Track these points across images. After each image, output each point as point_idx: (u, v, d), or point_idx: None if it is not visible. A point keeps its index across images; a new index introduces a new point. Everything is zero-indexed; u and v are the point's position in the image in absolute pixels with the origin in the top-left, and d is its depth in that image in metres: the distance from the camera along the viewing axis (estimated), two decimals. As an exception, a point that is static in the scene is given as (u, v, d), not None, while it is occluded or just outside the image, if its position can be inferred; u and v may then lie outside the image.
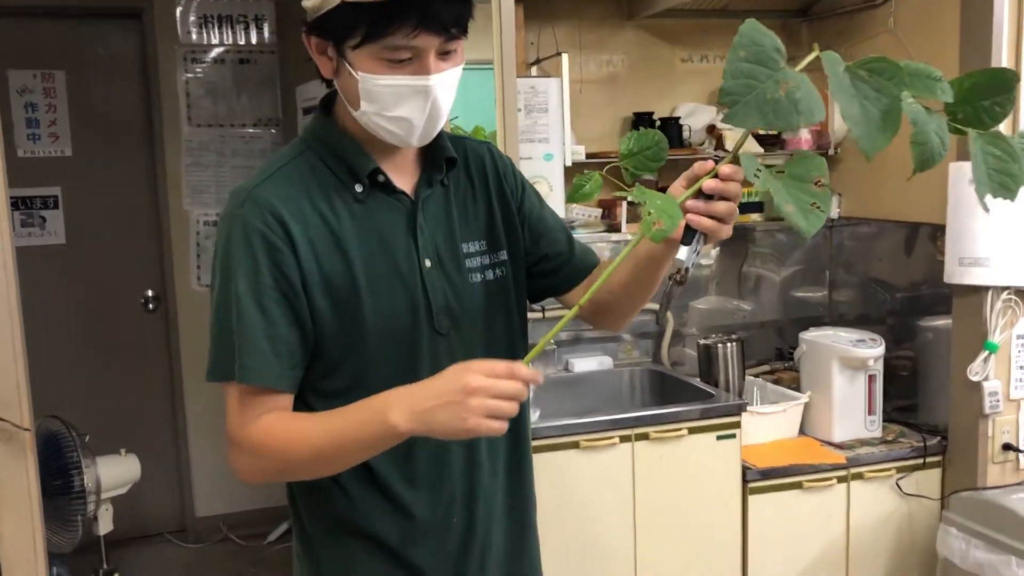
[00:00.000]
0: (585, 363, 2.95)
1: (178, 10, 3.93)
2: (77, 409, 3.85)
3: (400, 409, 1.14)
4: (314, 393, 1.30)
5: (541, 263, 1.49)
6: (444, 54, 1.23)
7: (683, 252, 1.19)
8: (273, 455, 1.25)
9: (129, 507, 3.68)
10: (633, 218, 2.94)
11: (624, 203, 2.95)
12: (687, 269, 1.20)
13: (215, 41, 3.99)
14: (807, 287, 3.31)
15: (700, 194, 1.16)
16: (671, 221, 1.08)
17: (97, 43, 3.96)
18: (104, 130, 3.96)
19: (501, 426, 1.11)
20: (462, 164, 1.42)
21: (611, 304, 1.44)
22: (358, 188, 1.31)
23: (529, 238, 1.47)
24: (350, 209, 1.30)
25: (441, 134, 1.35)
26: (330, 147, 1.32)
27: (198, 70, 4.00)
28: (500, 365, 1.11)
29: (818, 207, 1.04)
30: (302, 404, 1.31)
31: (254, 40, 4.02)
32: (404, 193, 1.34)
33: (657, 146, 1.34)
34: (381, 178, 1.32)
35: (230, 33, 3.99)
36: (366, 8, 1.17)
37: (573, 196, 1.49)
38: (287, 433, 1.24)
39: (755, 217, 3.16)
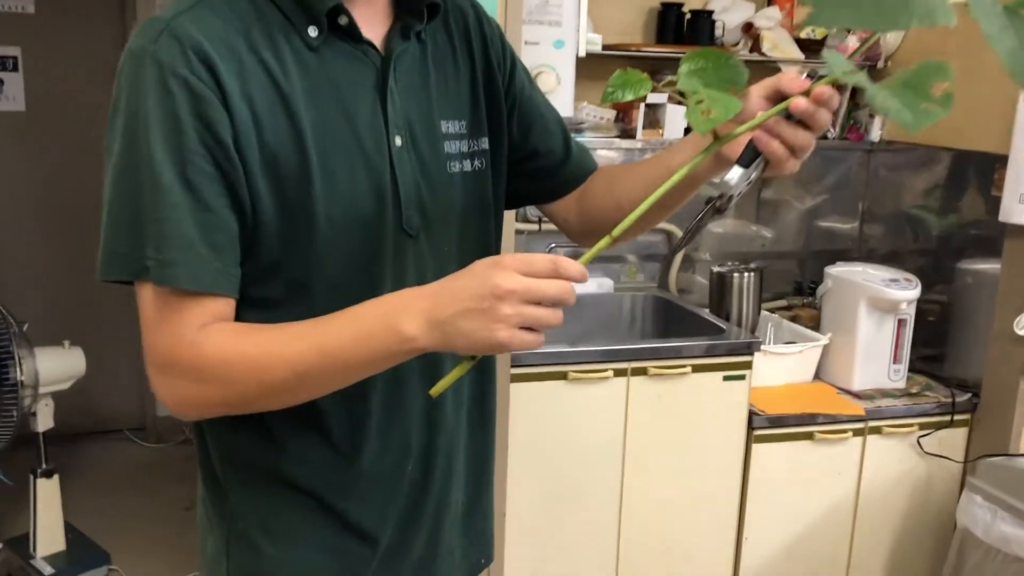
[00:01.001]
0: (583, 285, 2.63)
1: None
2: (32, 293, 3.59)
3: (415, 316, 0.89)
4: (248, 304, 1.00)
5: (529, 161, 1.20)
6: None
7: (735, 173, 0.94)
8: (241, 378, 0.94)
9: (86, 401, 3.44)
10: (652, 123, 2.60)
11: (642, 106, 2.59)
12: (732, 197, 0.94)
13: None
14: (835, 217, 2.98)
15: (780, 113, 0.92)
16: (724, 110, 0.84)
17: None
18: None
19: (538, 338, 0.87)
20: (441, 18, 1.10)
21: (617, 222, 1.15)
22: (312, 32, 0.99)
23: (517, 128, 1.17)
24: (301, 59, 0.98)
25: None
26: None
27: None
28: (541, 260, 0.86)
29: (932, 107, 0.81)
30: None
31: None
32: (372, 45, 1.03)
33: (733, 67, 0.98)
34: (343, 20, 1.00)
35: None
36: None
37: (612, 93, 1.06)
38: (256, 348, 0.94)
39: (786, 134, 2.80)
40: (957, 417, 2.44)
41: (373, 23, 1.04)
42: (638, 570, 2.35)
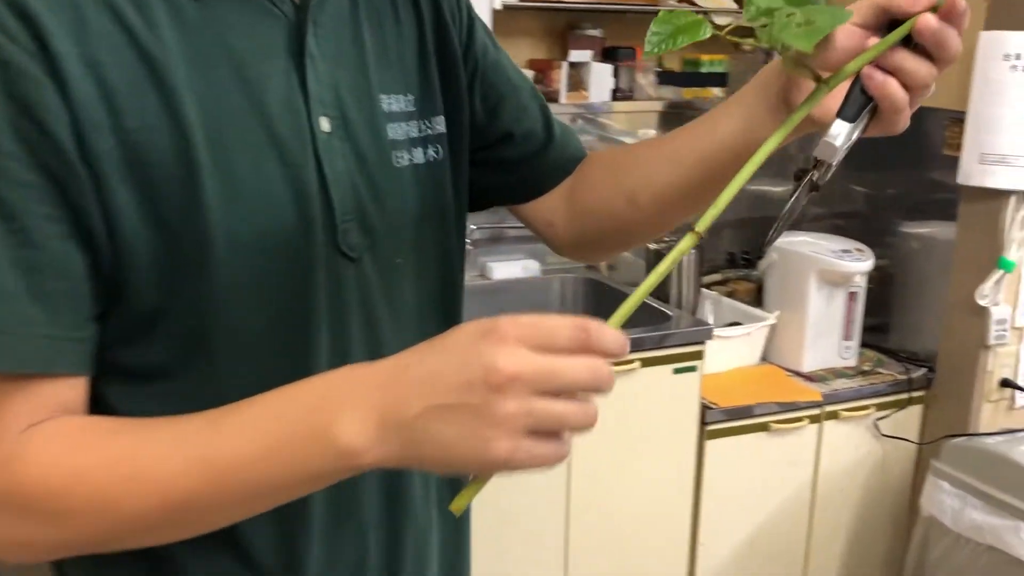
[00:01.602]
0: (507, 268, 2.34)
1: None
2: None
3: (361, 415, 0.59)
4: (113, 374, 0.68)
5: (499, 148, 0.90)
6: None
7: (840, 130, 0.65)
8: (84, 514, 0.62)
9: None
10: (575, 85, 2.30)
11: (565, 65, 2.29)
12: (830, 167, 0.66)
13: None
14: (768, 180, 2.77)
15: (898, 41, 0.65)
16: (831, 19, 0.61)
17: None
18: None
19: (559, 450, 0.58)
20: None
21: (627, 222, 0.87)
22: None
23: (482, 104, 0.87)
24: (177, 10, 0.66)
25: None
26: None
27: None
28: (562, 326, 0.57)
29: None
30: (94, 407, 0.69)
31: None
32: None
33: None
34: None
35: None
36: None
37: (660, 44, 0.71)
38: (106, 467, 0.62)
39: (716, 92, 2.57)
40: (915, 395, 2.28)
41: None
42: (587, 587, 2.10)
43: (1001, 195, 2.06)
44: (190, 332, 0.68)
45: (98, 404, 0.67)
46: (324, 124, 0.72)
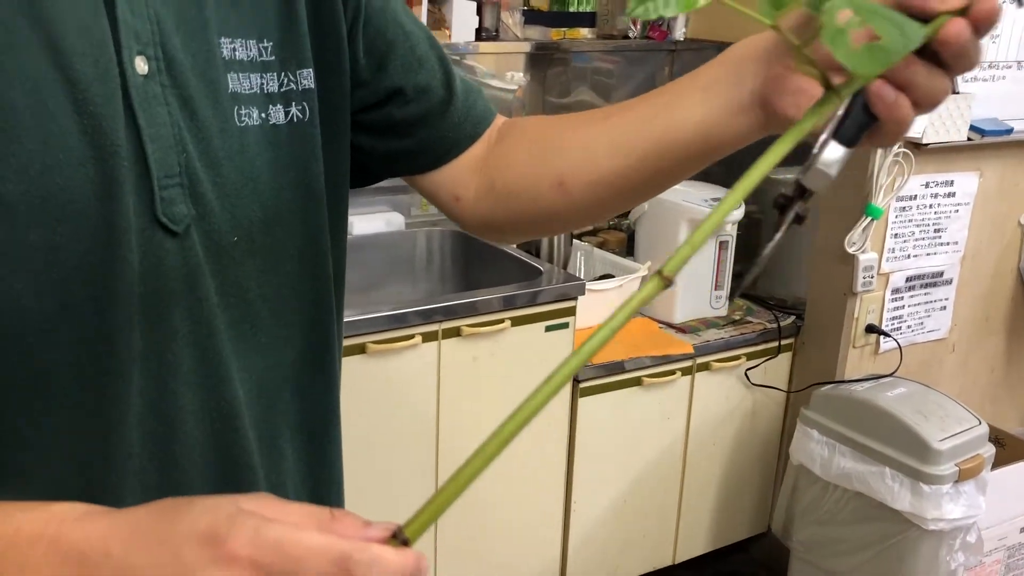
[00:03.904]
0: (369, 222, 2.18)
1: None
2: None
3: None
4: None
5: (388, 106, 0.75)
6: None
7: (836, 156, 0.52)
8: None
9: None
10: (436, 23, 2.14)
11: (424, 1, 2.12)
12: (811, 194, 0.53)
13: None
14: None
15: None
16: (903, 38, 0.45)
17: None
18: None
19: None
20: None
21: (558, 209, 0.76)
22: None
23: (366, 54, 0.72)
24: None
25: None
26: None
27: None
28: (317, 557, 0.41)
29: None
30: None
31: None
32: None
33: None
34: None
35: None
36: None
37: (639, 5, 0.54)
38: None
39: (585, 33, 2.45)
40: (783, 343, 2.28)
41: None
42: (462, 549, 2.02)
43: (868, 142, 2.05)
44: None
45: None
46: (140, 64, 0.57)
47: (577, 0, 2.38)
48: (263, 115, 0.64)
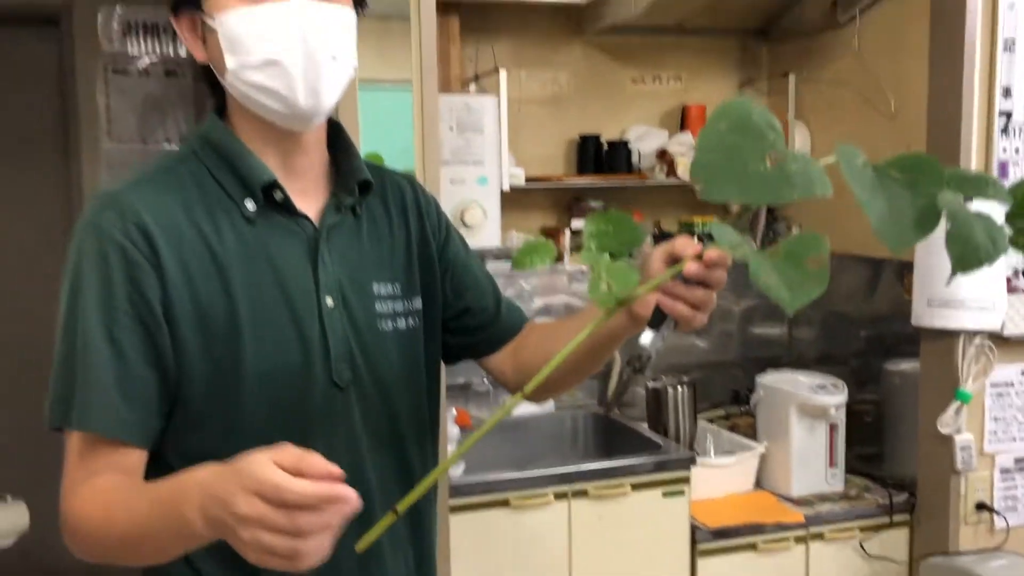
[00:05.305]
0: (525, 406, 2.68)
1: (100, 17, 3.64)
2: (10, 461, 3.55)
3: (195, 502, 0.86)
4: (177, 454, 1.05)
5: (461, 318, 1.27)
6: None
7: (647, 337, 1.02)
8: (84, 535, 1.00)
9: (31, 558, 3.35)
10: (578, 247, 2.70)
11: (568, 232, 2.70)
12: (649, 356, 1.02)
13: (139, 51, 3.71)
14: (767, 323, 3.08)
15: (678, 275, 0.98)
16: (623, 285, 0.90)
17: (12, 50, 3.67)
18: (17, 144, 3.65)
19: (298, 563, 0.80)
20: (379, 194, 1.20)
21: (548, 380, 1.20)
22: (249, 205, 1.08)
23: (451, 289, 1.26)
24: (237, 230, 1.07)
25: (355, 153, 1.16)
26: (219, 153, 1.09)
27: (120, 81, 3.72)
28: (282, 486, 0.78)
29: (809, 283, 0.84)
30: (165, 468, 1.04)
31: (183, 52, 3.74)
32: (306, 218, 1.11)
33: (632, 230, 1.06)
34: (279, 195, 1.09)
35: (156, 43, 3.71)
36: None
37: (520, 261, 1.08)
38: (104, 508, 0.98)
39: (710, 249, 2.92)
40: (897, 518, 2.48)
41: (309, 198, 1.13)
42: None
43: (951, 334, 2.33)
44: (225, 431, 1.06)
45: (164, 473, 1.03)
46: (328, 301, 1.11)
47: (701, 223, 2.87)
48: (393, 324, 1.17)
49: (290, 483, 0.78)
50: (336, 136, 1.18)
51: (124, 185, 1.06)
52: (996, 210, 0.90)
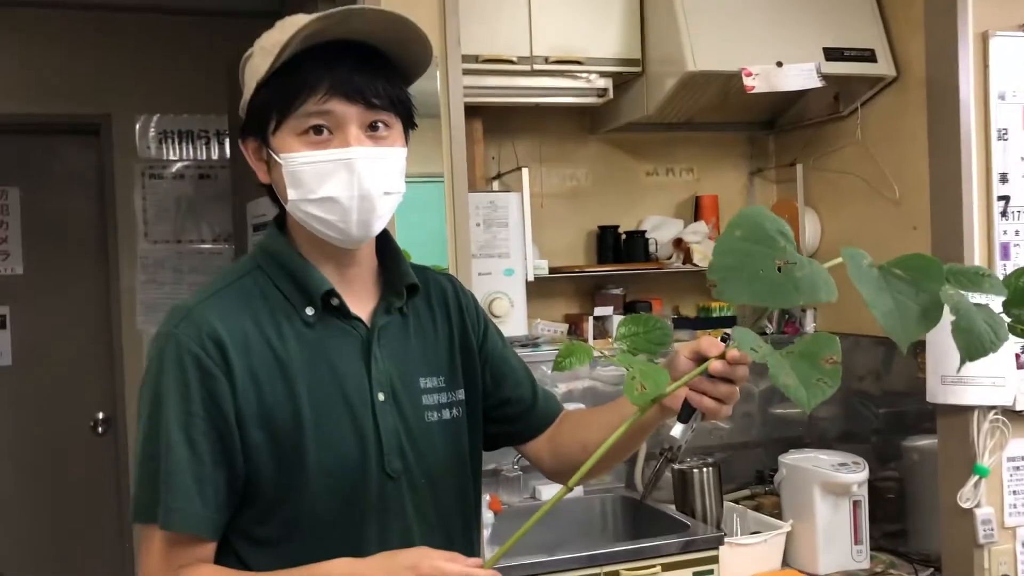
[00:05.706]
0: (553, 490, 2.74)
1: (137, 126, 3.86)
2: (19, 541, 3.62)
3: None
4: (246, 540, 1.16)
5: (501, 408, 1.37)
6: (372, 130, 1.16)
7: (678, 429, 1.11)
8: None
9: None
10: (600, 334, 2.81)
11: (591, 319, 2.82)
12: (680, 447, 1.11)
13: (175, 156, 3.92)
14: (787, 403, 3.15)
15: (704, 372, 1.08)
16: (655, 385, 1.00)
17: (54, 158, 3.87)
18: (57, 247, 3.83)
19: None
20: (423, 293, 1.31)
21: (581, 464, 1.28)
22: (309, 311, 1.20)
23: (491, 380, 1.36)
24: (299, 334, 1.18)
25: (402, 259, 1.28)
26: (281, 265, 1.21)
27: (156, 185, 3.91)
28: (454, 568, 1.02)
29: (824, 382, 0.93)
30: (231, 554, 1.16)
31: (215, 156, 3.94)
32: (359, 320, 1.23)
33: (660, 330, 1.19)
34: (335, 301, 1.21)
35: (190, 148, 3.92)
36: (277, 83, 1.13)
37: (561, 364, 1.17)
38: None
39: (726, 331, 3.02)
40: (923, 592, 2.52)
41: (361, 302, 1.25)
42: None
43: (966, 410, 2.41)
44: (291, 520, 1.16)
45: (231, 556, 1.15)
46: (380, 396, 1.21)
47: (719, 308, 2.99)
48: (439, 415, 1.27)
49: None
50: (385, 243, 1.30)
51: (198, 298, 1.18)
52: (995, 301, 1.01)
